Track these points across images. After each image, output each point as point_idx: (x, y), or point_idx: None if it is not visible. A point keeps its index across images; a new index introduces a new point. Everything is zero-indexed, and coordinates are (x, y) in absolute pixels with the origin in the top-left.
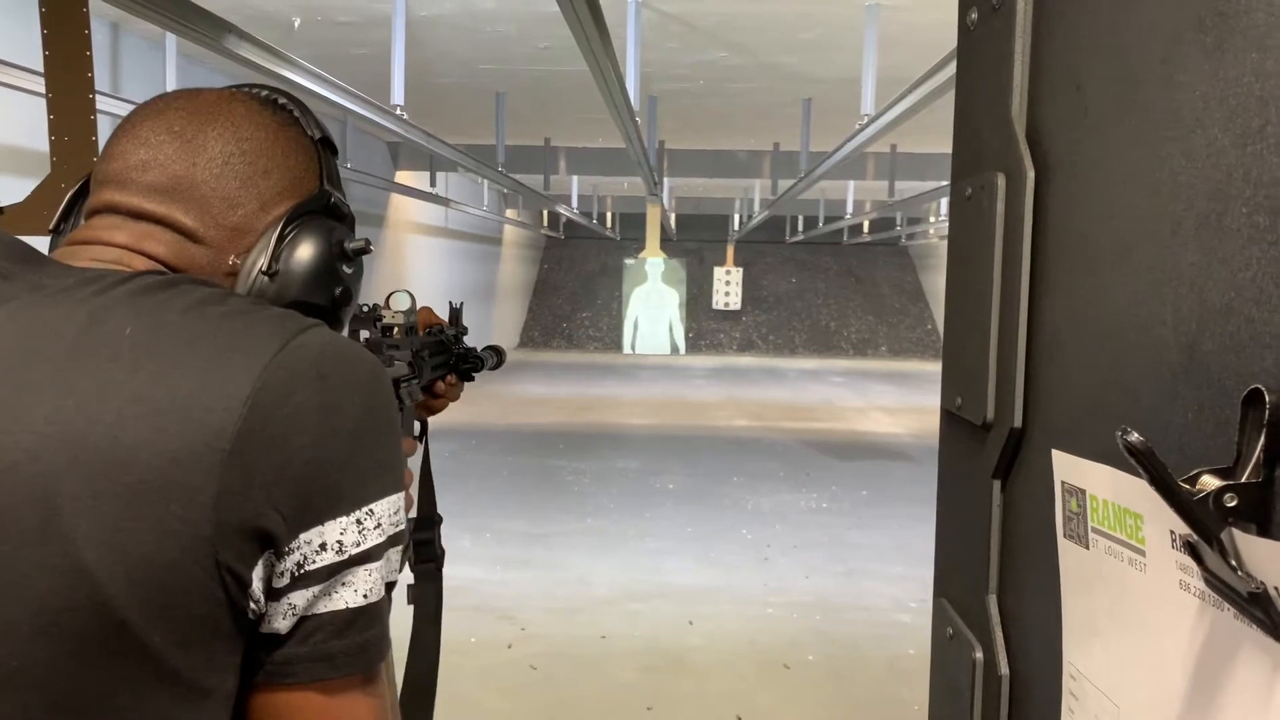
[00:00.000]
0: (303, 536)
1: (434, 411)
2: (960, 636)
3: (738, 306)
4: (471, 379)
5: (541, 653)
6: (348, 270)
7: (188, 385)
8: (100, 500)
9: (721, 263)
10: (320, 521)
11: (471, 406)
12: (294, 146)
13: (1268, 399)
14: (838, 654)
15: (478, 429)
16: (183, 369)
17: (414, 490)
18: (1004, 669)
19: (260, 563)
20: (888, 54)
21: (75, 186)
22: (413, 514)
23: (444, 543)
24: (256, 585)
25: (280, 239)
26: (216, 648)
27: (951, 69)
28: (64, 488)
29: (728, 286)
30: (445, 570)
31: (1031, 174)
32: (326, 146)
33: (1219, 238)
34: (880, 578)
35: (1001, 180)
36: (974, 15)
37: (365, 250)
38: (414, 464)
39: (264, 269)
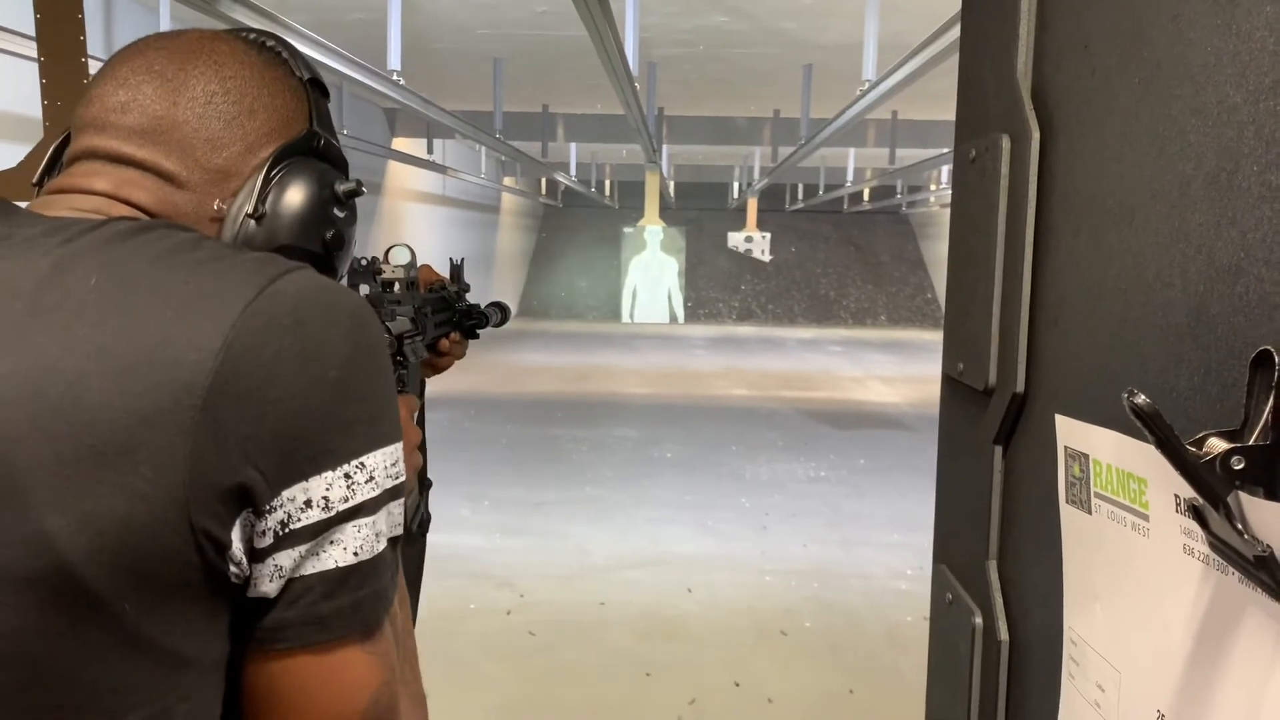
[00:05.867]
0: (285, 494)
1: (439, 370)
2: (959, 602)
3: (765, 258)
4: (476, 336)
5: (540, 619)
6: (339, 213)
7: (155, 338)
8: (63, 464)
9: (739, 226)
10: (304, 477)
11: (470, 375)
12: (281, 86)
13: (1277, 360)
14: (835, 621)
15: (476, 397)
16: (150, 321)
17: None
18: (1003, 634)
19: (238, 523)
20: (889, 19)
21: (59, 138)
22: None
23: (442, 510)
24: (237, 547)
25: (266, 181)
26: (194, 614)
27: (953, 34)
28: (24, 451)
29: (749, 244)
30: (445, 537)
31: (1037, 135)
32: (316, 88)
33: (1229, 197)
34: (877, 546)
35: (1006, 142)
36: None
37: (357, 192)
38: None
39: (250, 212)
